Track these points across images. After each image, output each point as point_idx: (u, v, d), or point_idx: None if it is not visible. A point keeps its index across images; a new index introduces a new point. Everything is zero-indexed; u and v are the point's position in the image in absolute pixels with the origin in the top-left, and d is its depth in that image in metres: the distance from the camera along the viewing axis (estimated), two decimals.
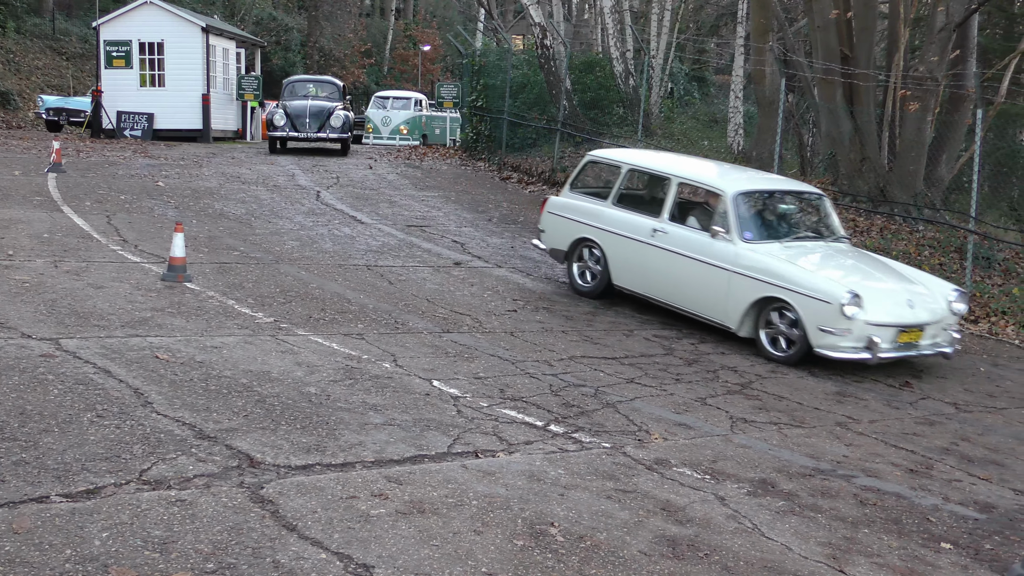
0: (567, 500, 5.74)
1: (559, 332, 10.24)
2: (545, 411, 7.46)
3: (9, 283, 9.64)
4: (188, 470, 5.57)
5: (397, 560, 4.73)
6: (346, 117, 24.73)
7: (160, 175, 18.79)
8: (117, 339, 8.11)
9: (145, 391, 6.86)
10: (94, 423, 6.15)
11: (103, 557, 4.47)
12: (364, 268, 12.37)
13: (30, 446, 5.68)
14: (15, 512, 4.83)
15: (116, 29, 27.39)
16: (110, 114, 27.27)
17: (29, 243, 11.67)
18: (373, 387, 7.56)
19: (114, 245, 12.11)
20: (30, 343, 7.73)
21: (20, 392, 6.58)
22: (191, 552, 4.60)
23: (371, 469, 5.91)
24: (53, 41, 41.13)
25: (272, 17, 46.62)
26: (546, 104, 23.91)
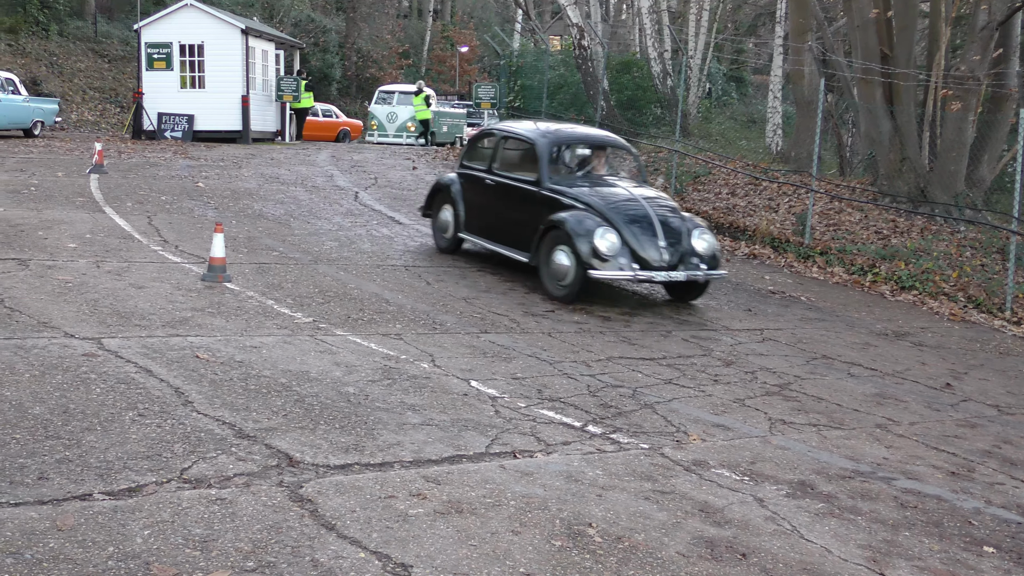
0: (605, 501, 5.74)
1: (596, 332, 10.23)
2: (583, 412, 7.45)
3: (52, 283, 9.75)
4: (228, 469, 5.61)
5: (435, 560, 4.74)
6: (712, 238, 12.11)
7: (200, 176, 18.94)
8: (158, 339, 8.18)
9: (186, 390, 6.92)
10: (136, 422, 6.21)
11: (145, 555, 4.51)
12: (402, 268, 12.41)
13: (73, 444, 5.74)
14: (59, 509, 4.88)
15: (157, 31, 27.64)
16: (151, 116, 27.51)
17: (72, 243, 11.79)
18: (411, 387, 7.58)
19: (155, 245, 12.22)
20: (73, 342, 7.82)
21: (63, 391, 6.65)
22: (231, 550, 4.63)
23: (409, 469, 5.92)
24: (95, 44, 41.55)
25: (310, 19, 46.83)
26: (583, 104, 23.91)
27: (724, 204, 19.05)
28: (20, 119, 26.29)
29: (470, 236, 13.13)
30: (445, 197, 13.69)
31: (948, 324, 12.88)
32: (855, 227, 17.03)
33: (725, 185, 20.28)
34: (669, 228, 11.44)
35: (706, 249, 11.56)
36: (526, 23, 41.31)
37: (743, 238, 16.97)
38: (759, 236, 16.83)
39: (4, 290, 9.28)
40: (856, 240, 16.33)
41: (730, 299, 12.79)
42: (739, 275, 14.48)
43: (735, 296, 13.01)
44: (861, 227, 17.01)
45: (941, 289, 14.07)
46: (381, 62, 51.84)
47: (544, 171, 11.96)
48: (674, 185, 19.21)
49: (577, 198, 11.54)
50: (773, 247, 16.47)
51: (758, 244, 16.61)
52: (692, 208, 18.55)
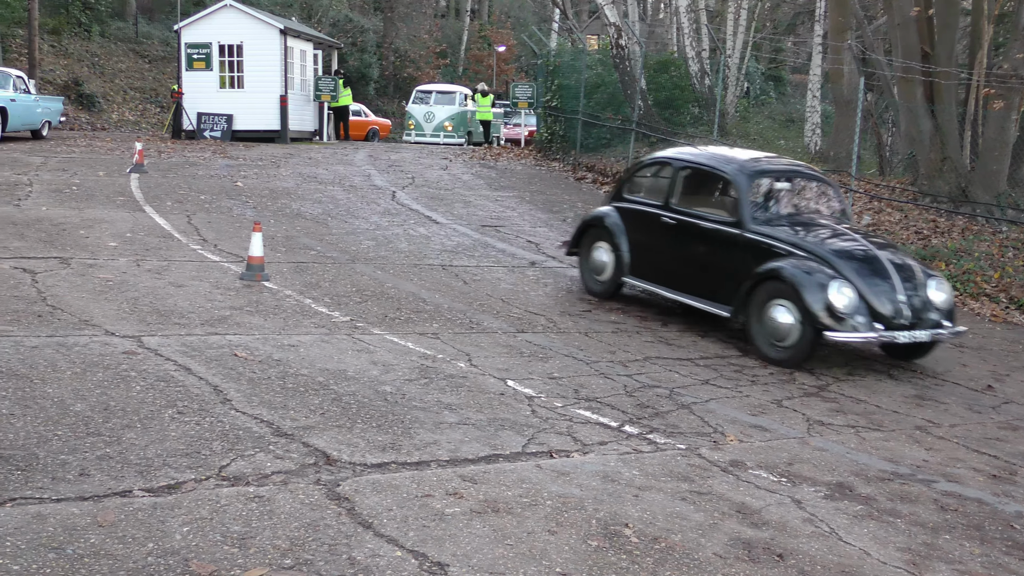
0: (641, 501, 5.72)
1: (633, 332, 10.20)
2: (619, 412, 7.44)
3: (93, 281, 9.84)
4: (266, 467, 5.64)
5: (471, 559, 4.75)
6: (949, 287, 10.44)
7: (239, 175, 19.06)
8: (197, 337, 8.24)
9: (224, 388, 6.96)
10: (175, 419, 6.26)
11: (183, 551, 4.54)
12: (439, 268, 12.44)
13: (113, 441, 5.79)
14: (100, 505, 4.93)
15: (196, 32, 27.83)
16: (190, 115, 27.71)
17: (112, 242, 11.90)
18: (448, 386, 7.59)
19: (194, 244, 12.31)
20: (113, 340, 7.89)
21: (104, 388, 6.71)
22: (269, 548, 4.66)
23: (446, 468, 5.93)
24: (136, 44, 41.96)
25: (348, 19, 47.02)
26: (620, 104, 23.85)
27: None
28: (32, 120, 25.05)
29: (638, 281, 11.30)
30: (600, 234, 11.81)
31: (989, 325, 12.75)
32: (895, 227, 16.89)
33: None
34: (906, 277, 9.74)
35: (944, 301, 9.84)
36: (563, 22, 41.26)
37: None
38: None
39: (46, 288, 9.38)
40: (896, 240, 16.20)
41: None
42: None
43: None
44: (901, 227, 16.87)
45: (982, 290, 13.93)
46: (418, 62, 51.96)
47: (745, 210, 10.16)
48: None
49: (794, 243, 9.82)
50: None
51: None
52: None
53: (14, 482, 5.11)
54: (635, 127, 22.41)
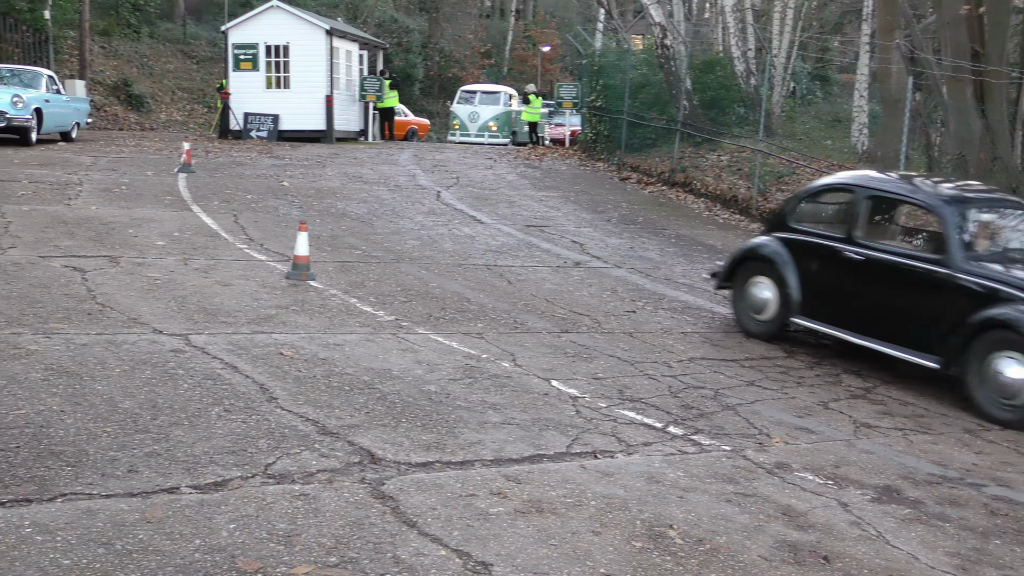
0: (686, 503, 5.70)
1: (678, 333, 10.16)
2: (664, 412, 7.41)
3: (142, 280, 9.94)
4: (311, 465, 5.67)
5: (516, 559, 4.75)
6: None
7: (285, 175, 19.19)
8: (243, 335, 8.30)
9: (270, 387, 7.01)
10: (221, 417, 6.31)
11: (230, 548, 4.58)
12: (483, 268, 12.45)
13: (161, 438, 5.85)
14: (148, 502, 4.98)
15: (243, 33, 28.04)
16: (237, 115, 27.92)
17: (160, 241, 12.02)
18: (492, 386, 7.60)
19: (240, 243, 12.41)
20: (161, 338, 7.97)
21: (152, 386, 6.78)
22: (314, 545, 4.68)
23: (490, 468, 5.94)
24: (184, 45, 42.35)
25: (394, 19, 47.16)
26: (665, 104, 23.76)
27: None
28: (64, 121, 23.81)
29: (812, 323, 9.97)
30: (760, 268, 10.46)
31: None
32: None
33: None
34: None
35: None
36: (608, 22, 41.19)
37: None
38: None
39: (96, 286, 9.48)
40: None
41: None
42: None
43: None
44: None
45: None
46: (463, 62, 52.02)
47: (954, 247, 8.87)
48: (757, 185, 19.03)
49: (1019, 285, 8.51)
50: None
51: None
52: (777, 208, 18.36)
53: (65, 478, 5.18)
54: (680, 127, 22.32)
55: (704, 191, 20.43)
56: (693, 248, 15.37)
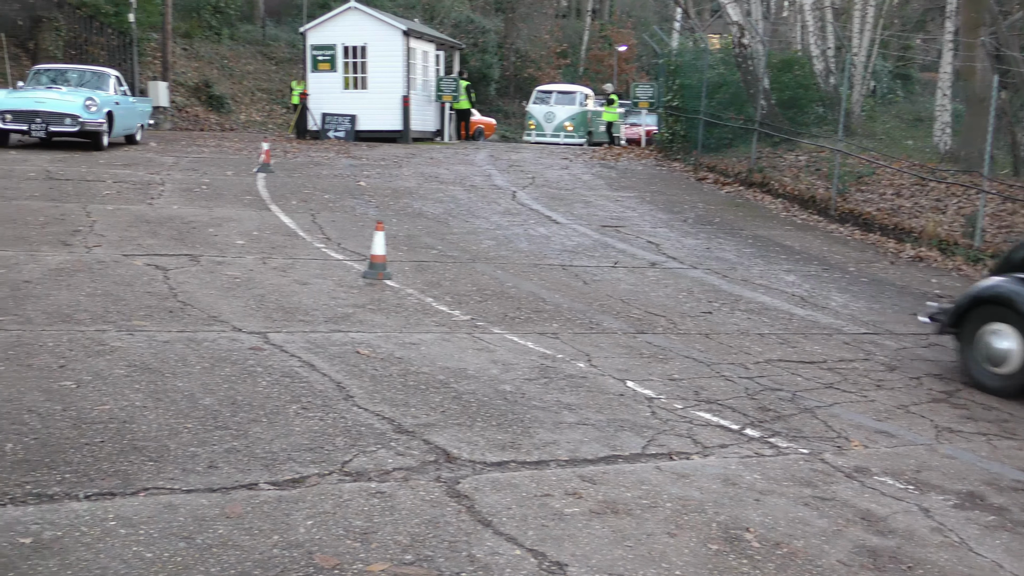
0: (763, 506, 5.64)
1: (755, 335, 10.07)
2: (741, 414, 7.35)
3: (221, 278, 10.09)
4: (387, 463, 5.71)
5: (590, 559, 4.74)
6: None
7: (362, 175, 19.35)
8: (321, 334, 8.38)
9: (347, 385, 7.07)
10: (299, 415, 6.37)
11: (307, 544, 4.62)
12: (559, 268, 12.44)
13: (240, 435, 5.93)
14: (227, 497, 5.05)
15: (322, 34, 28.33)
16: (315, 116, 28.22)
17: (240, 240, 12.18)
18: (567, 386, 7.59)
19: (318, 243, 12.53)
20: (240, 336, 8.08)
21: (232, 383, 6.87)
22: (390, 543, 4.71)
23: (565, 468, 5.93)
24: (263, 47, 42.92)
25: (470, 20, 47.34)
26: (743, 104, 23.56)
27: (889, 205, 18.54)
28: (131, 123, 22.72)
29: None
30: (999, 313, 9.05)
31: None
32: None
33: (890, 185, 19.74)
34: None
35: None
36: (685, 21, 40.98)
37: (909, 240, 16.48)
38: (926, 238, 16.32)
39: (177, 285, 9.64)
40: None
41: (894, 302, 12.43)
42: (904, 278, 14.07)
43: (899, 299, 12.64)
44: None
45: None
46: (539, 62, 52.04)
47: None
48: (836, 185, 18.79)
49: None
50: (940, 250, 15.93)
51: (924, 246, 16.11)
52: (856, 209, 18.13)
53: (147, 472, 5.27)
54: (758, 127, 22.11)
55: (782, 191, 20.23)
56: (770, 249, 15.22)
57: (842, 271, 14.05)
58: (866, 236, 17.03)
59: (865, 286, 13.19)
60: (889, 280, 13.68)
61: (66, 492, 4.97)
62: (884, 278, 13.86)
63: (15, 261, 10.11)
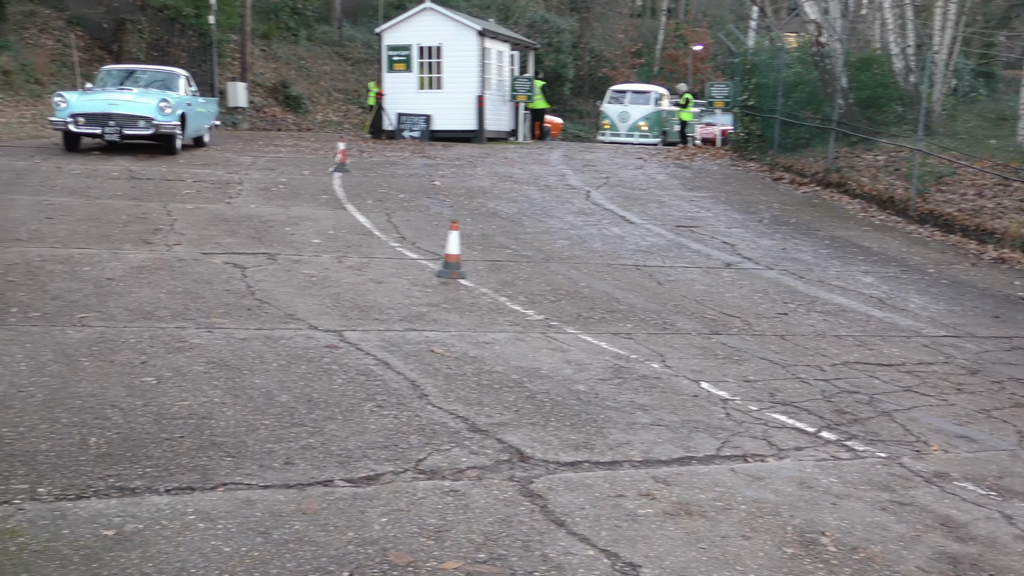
0: (839, 509, 5.58)
1: (832, 336, 9.95)
2: (817, 417, 7.27)
3: (298, 277, 10.20)
4: (461, 461, 5.74)
5: (664, 561, 4.72)
6: None
7: (436, 175, 19.44)
8: (395, 332, 8.44)
9: (421, 383, 7.11)
10: (374, 412, 6.43)
11: (382, 541, 4.66)
12: (633, 268, 12.40)
13: (316, 432, 6.00)
14: (303, 493, 5.11)
15: (397, 34, 28.51)
16: (391, 116, 28.41)
17: (316, 239, 12.31)
18: (641, 387, 7.57)
19: (393, 242, 12.62)
20: (316, 334, 8.16)
21: (308, 380, 6.95)
22: (463, 541, 4.73)
23: (638, 468, 5.92)
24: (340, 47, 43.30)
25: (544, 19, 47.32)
26: (820, 103, 23.28)
27: (970, 206, 18.21)
28: (200, 125, 21.71)
29: None
30: None
31: None
32: None
33: (971, 186, 19.38)
34: None
35: None
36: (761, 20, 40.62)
37: (991, 241, 16.17)
38: (1009, 239, 16.00)
39: (255, 283, 9.77)
40: None
41: (975, 304, 12.20)
42: (986, 280, 13.81)
43: (981, 301, 12.41)
44: None
45: None
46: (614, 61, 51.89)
47: None
48: (915, 185, 18.50)
49: None
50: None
51: (1007, 248, 15.79)
52: (936, 210, 17.83)
53: (225, 468, 5.35)
54: (835, 127, 21.84)
55: (859, 192, 19.95)
56: (848, 250, 15.03)
57: (921, 273, 13.83)
58: (946, 237, 16.74)
59: (945, 288, 12.97)
60: (970, 282, 13.43)
61: (147, 486, 5.07)
62: (965, 280, 13.62)
63: (99, 259, 10.32)
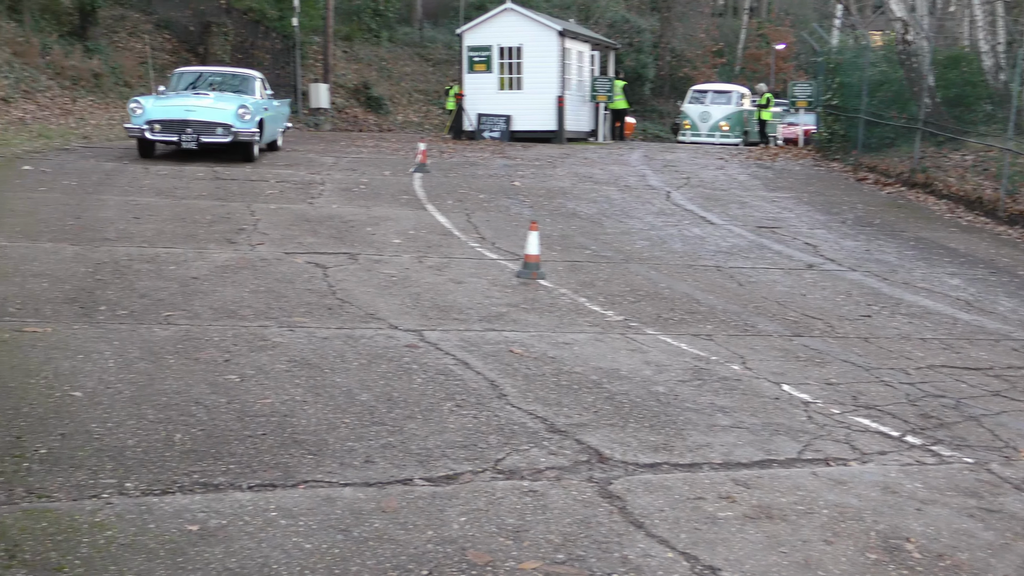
0: (924, 515, 5.48)
1: (917, 339, 9.78)
2: (901, 421, 7.15)
3: (379, 277, 10.28)
4: (540, 462, 5.74)
5: (744, 564, 4.67)
6: None
7: (516, 175, 19.47)
8: (475, 332, 8.47)
9: (500, 383, 7.13)
10: (453, 412, 6.46)
11: (460, 540, 4.68)
12: (713, 269, 12.31)
13: (396, 431, 6.04)
14: (383, 492, 5.15)
15: (478, 35, 28.62)
16: (471, 116, 28.52)
17: (396, 239, 12.40)
18: (721, 388, 7.50)
19: (472, 242, 12.67)
20: (396, 334, 8.22)
21: (388, 379, 7.00)
22: (542, 542, 4.73)
23: (718, 471, 5.87)
24: (421, 48, 43.59)
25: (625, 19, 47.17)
26: (905, 102, 22.90)
27: None
28: (276, 130, 21.03)
29: None
30: None
31: None
32: None
33: None
34: None
35: None
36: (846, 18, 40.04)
37: None
38: None
39: (336, 282, 9.87)
40: None
41: None
42: None
43: None
44: None
45: None
46: (695, 61, 51.55)
47: None
48: (1005, 186, 18.11)
49: None
50: None
51: None
52: None
53: (306, 465, 5.41)
54: (921, 126, 21.46)
55: (946, 192, 19.59)
56: (934, 251, 14.76)
57: (1011, 275, 13.54)
58: None
59: None
60: None
61: (230, 482, 5.14)
62: None
63: (184, 258, 10.50)
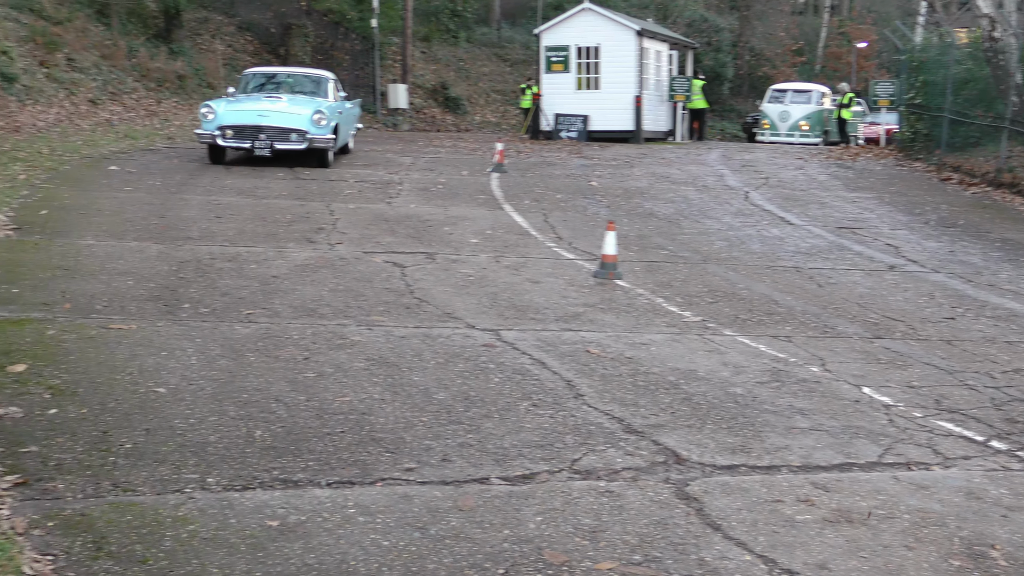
0: (1010, 522, 5.37)
1: (1002, 343, 9.59)
2: (986, 425, 7.01)
3: (456, 276, 10.33)
4: (616, 462, 5.73)
5: (823, 569, 4.62)
6: None
7: (593, 175, 19.45)
8: (551, 332, 8.48)
9: (577, 383, 7.13)
10: (530, 412, 6.47)
11: (536, 540, 4.69)
12: (792, 270, 12.18)
13: (473, 430, 6.07)
14: (460, 490, 5.18)
15: (555, 35, 28.62)
16: (548, 116, 28.53)
17: (473, 239, 12.45)
18: (800, 390, 7.42)
19: (549, 242, 12.68)
20: (474, 333, 8.25)
21: (465, 379, 7.04)
22: (618, 543, 4.72)
23: (797, 474, 5.81)
24: (498, 49, 43.73)
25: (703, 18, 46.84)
26: (992, 100, 22.44)
27: None
28: (348, 133, 20.11)
29: None
30: None
31: None
32: None
33: None
34: None
35: None
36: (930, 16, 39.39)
37: None
38: None
39: (414, 282, 9.93)
40: None
41: None
42: None
43: None
44: None
45: None
46: (774, 60, 51.04)
47: None
48: None
49: None
50: None
51: None
52: None
53: (384, 463, 5.46)
54: (1008, 125, 21.02)
55: None
56: (1020, 253, 14.46)
57: None
58: None
59: None
60: None
61: (309, 479, 5.21)
62: None
63: (264, 257, 10.64)
